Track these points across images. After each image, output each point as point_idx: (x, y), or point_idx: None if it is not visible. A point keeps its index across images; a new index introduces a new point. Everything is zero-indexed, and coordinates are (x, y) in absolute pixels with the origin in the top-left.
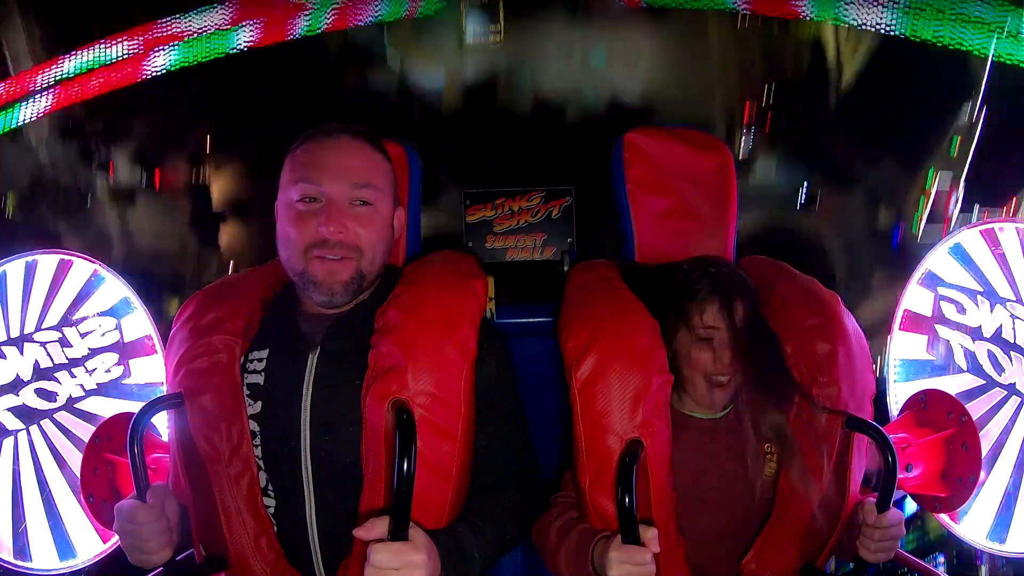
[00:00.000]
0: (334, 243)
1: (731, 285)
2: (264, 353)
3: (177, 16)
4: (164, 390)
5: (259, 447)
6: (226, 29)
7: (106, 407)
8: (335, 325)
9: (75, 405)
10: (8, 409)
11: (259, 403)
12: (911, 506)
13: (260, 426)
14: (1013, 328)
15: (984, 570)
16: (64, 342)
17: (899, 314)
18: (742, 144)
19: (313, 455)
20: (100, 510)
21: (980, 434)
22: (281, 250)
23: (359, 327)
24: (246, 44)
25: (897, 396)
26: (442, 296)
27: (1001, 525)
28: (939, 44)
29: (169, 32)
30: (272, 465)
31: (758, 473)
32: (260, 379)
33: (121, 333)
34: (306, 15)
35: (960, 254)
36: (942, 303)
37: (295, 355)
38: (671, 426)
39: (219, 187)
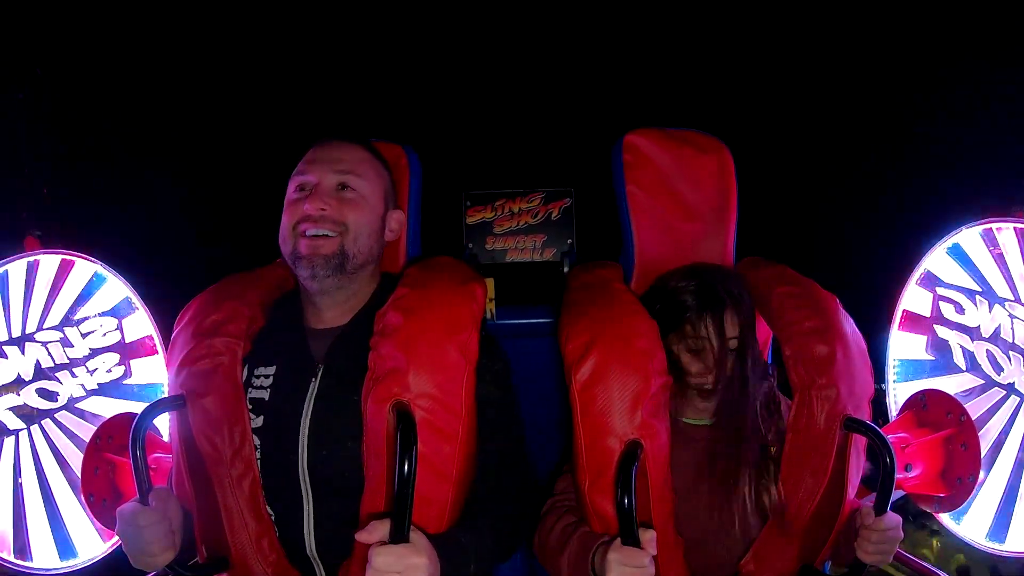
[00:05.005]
0: (317, 217)
1: (724, 294)
2: (271, 370)
3: None
4: (165, 390)
5: (259, 460)
6: None
7: (107, 407)
8: (337, 342)
9: (76, 405)
10: (9, 409)
11: (261, 417)
12: None
13: (260, 440)
14: (1012, 328)
15: None
16: (65, 342)
17: (898, 314)
18: None
19: (311, 468)
20: (101, 510)
21: (979, 434)
22: (280, 244)
23: (361, 340)
24: None
25: (897, 396)
26: (444, 298)
27: (1000, 525)
28: None
29: None
30: (271, 474)
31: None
32: (265, 395)
33: (122, 333)
34: None
35: (958, 254)
36: (941, 303)
37: (301, 374)
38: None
39: None
